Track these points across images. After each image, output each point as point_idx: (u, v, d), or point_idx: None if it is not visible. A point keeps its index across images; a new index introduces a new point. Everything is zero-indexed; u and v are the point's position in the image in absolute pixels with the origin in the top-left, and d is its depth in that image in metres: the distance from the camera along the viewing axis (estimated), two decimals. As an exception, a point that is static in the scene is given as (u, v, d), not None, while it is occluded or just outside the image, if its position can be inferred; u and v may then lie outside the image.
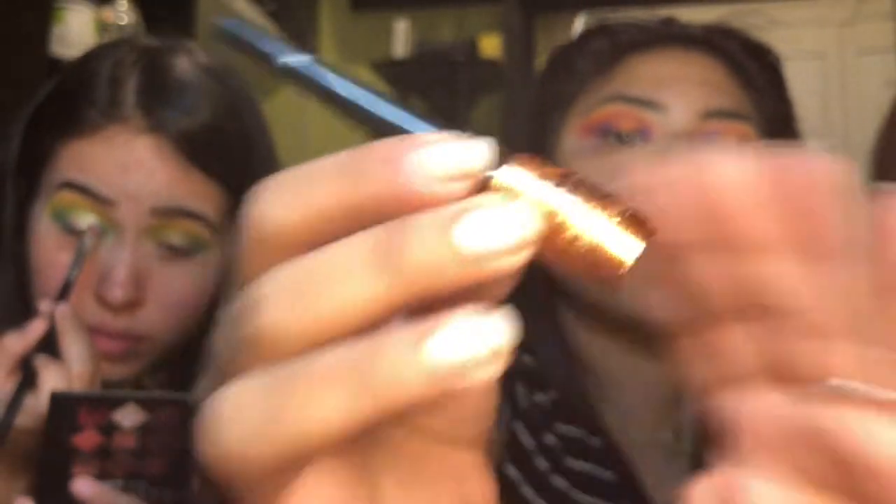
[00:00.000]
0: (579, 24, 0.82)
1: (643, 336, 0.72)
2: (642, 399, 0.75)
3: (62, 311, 0.63)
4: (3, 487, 0.62)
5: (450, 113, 2.69)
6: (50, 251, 0.68)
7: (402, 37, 2.62)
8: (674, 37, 0.72)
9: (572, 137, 0.71)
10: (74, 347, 0.61)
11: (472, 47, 2.58)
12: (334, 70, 0.25)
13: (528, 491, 0.71)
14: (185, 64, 0.71)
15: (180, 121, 0.68)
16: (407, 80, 2.75)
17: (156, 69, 0.70)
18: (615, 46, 0.72)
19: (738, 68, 0.71)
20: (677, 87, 0.68)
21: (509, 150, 0.22)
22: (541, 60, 2.68)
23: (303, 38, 2.80)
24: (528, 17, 2.32)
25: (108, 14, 1.70)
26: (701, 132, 0.67)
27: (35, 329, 0.62)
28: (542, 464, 0.73)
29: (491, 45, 2.57)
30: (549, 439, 0.74)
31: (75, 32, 1.63)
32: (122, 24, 1.69)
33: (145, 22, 1.76)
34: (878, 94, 2.56)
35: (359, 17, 2.92)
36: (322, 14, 2.97)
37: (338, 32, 2.97)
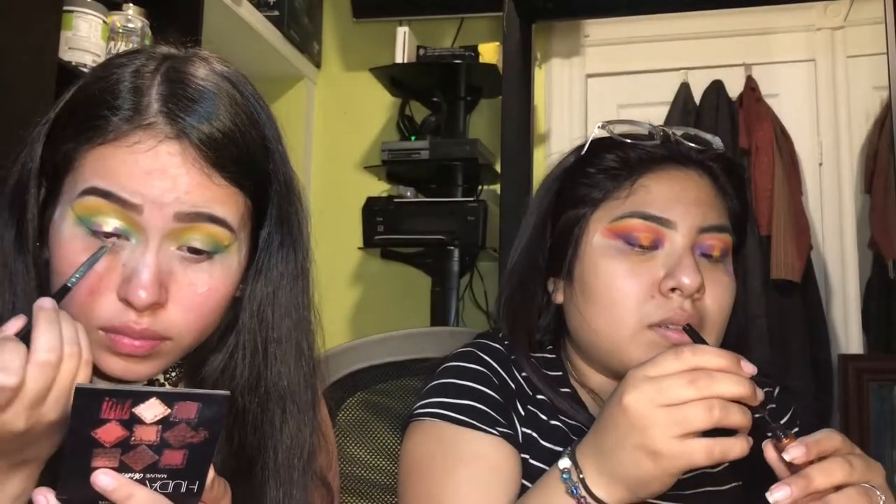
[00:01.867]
0: (591, 132, 0.96)
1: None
2: None
3: (40, 302, 0.63)
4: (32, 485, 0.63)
5: (450, 116, 2.71)
6: (75, 254, 0.68)
7: (403, 44, 2.63)
8: (674, 157, 0.92)
9: (598, 236, 0.90)
10: (42, 336, 0.61)
11: (471, 53, 2.60)
12: None
13: (536, 465, 0.88)
14: (203, 72, 0.72)
15: (202, 127, 0.69)
16: (407, 85, 2.77)
17: (177, 77, 0.71)
18: (624, 163, 0.91)
19: (718, 182, 0.93)
20: (681, 207, 0.89)
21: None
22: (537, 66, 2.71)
23: (306, 46, 2.82)
24: (525, 26, 2.34)
25: (116, 19, 1.70)
26: (697, 244, 0.89)
27: (12, 324, 0.62)
28: (548, 444, 0.88)
29: (489, 52, 2.59)
30: (554, 425, 0.90)
31: (84, 38, 1.63)
32: (131, 29, 1.69)
33: (152, 27, 1.76)
34: (868, 97, 2.59)
35: (361, 25, 2.93)
36: (325, 22, 2.98)
37: (340, 39, 2.99)
